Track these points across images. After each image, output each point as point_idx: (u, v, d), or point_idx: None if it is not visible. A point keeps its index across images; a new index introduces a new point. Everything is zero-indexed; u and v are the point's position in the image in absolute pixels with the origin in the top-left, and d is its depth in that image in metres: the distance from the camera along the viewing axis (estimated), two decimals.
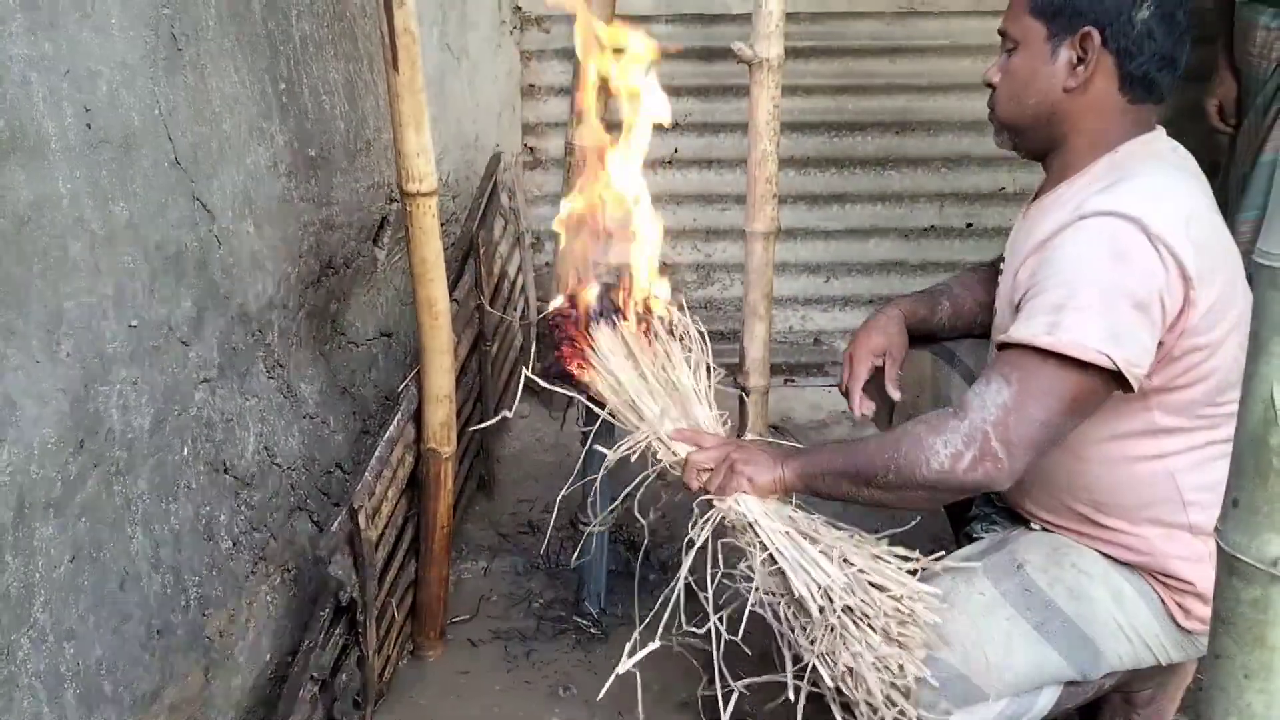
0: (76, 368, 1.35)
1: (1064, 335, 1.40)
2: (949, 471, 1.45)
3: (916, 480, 1.48)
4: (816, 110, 3.39)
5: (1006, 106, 1.63)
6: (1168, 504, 1.56)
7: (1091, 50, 1.51)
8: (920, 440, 1.47)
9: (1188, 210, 1.46)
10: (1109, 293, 1.39)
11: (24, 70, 1.24)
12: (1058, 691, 1.63)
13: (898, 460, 1.49)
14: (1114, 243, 1.41)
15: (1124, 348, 1.40)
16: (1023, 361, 1.44)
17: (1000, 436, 1.43)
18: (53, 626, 1.32)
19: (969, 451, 1.44)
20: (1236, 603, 0.97)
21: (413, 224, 1.80)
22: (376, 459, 1.84)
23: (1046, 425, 1.43)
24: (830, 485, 1.59)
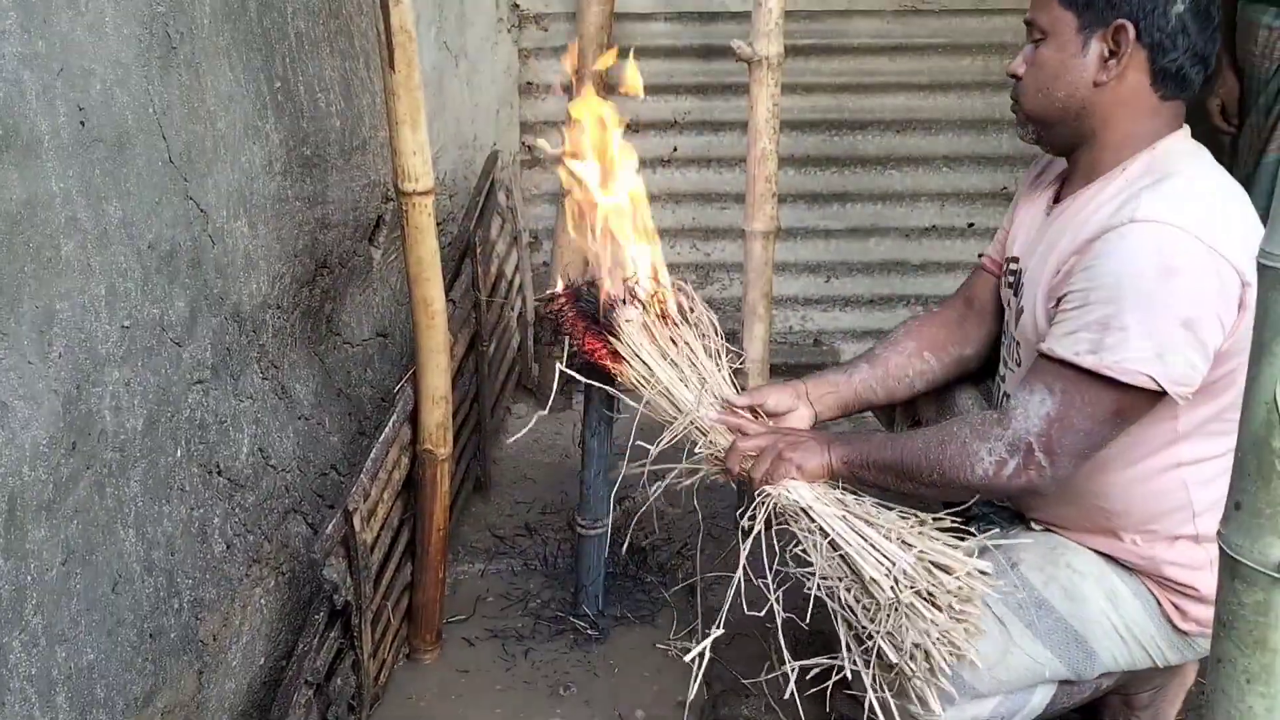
0: (68, 368, 1.34)
1: (1107, 357, 1.39)
2: (994, 478, 1.47)
3: (960, 483, 1.51)
4: (816, 109, 3.38)
5: (1034, 99, 1.57)
6: (1179, 515, 1.55)
7: (1125, 44, 1.47)
8: (965, 445, 1.49)
9: (1239, 211, 1.45)
10: (1155, 311, 1.38)
11: (16, 68, 1.23)
12: (1051, 691, 1.62)
13: (943, 462, 1.51)
14: (1161, 255, 1.39)
15: (1169, 367, 1.38)
16: (1066, 374, 1.43)
17: (1044, 447, 1.43)
18: (44, 629, 1.30)
19: (1013, 460, 1.46)
20: (1238, 606, 0.97)
21: (409, 223, 1.79)
22: (372, 460, 1.83)
23: (1090, 435, 1.44)
24: (875, 476, 1.61)
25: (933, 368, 1.87)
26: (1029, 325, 1.61)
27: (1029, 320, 1.60)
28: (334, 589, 1.71)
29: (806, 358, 3.49)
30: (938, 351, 1.87)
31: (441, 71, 2.84)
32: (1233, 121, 2.91)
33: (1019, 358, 1.67)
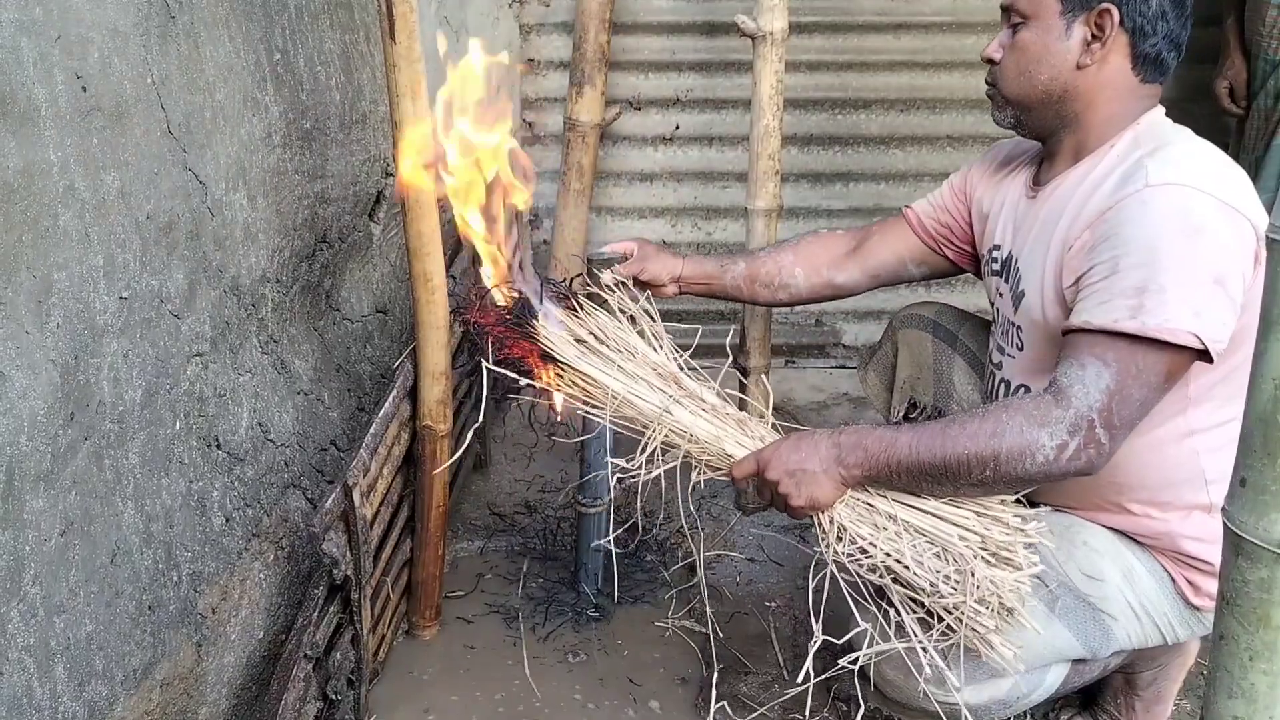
0: (66, 338, 1.33)
1: (1150, 319, 1.38)
2: (1054, 463, 1.41)
3: (1017, 475, 1.43)
4: (820, 87, 3.36)
5: (1015, 83, 1.59)
6: (1190, 484, 1.55)
7: (1109, 28, 1.49)
8: (1023, 434, 1.42)
9: (1239, 174, 1.46)
10: (1187, 270, 1.37)
11: (14, 35, 1.22)
12: (1066, 669, 1.62)
13: (1000, 458, 1.42)
14: (1187, 217, 1.39)
15: (1207, 325, 1.38)
16: (1115, 344, 1.40)
17: (1105, 422, 1.40)
18: (43, 600, 1.30)
19: (1074, 440, 1.41)
20: (1242, 583, 0.96)
21: (409, 197, 1.77)
22: (372, 435, 1.82)
23: (1144, 404, 1.41)
24: (905, 483, 1.51)
25: (799, 284, 1.96)
26: (1035, 307, 1.60)
27: (1034, 303, 1.59)
28: (333, 563, 1.71)
29: (808, 338, 3.48)
30: (809, 270, 1.95)
31: None
32: (1240, 104, 2.89)
33: (1020, 342, 1.66)
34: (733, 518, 2.58)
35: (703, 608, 2.27)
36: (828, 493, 1.52)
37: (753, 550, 2.46)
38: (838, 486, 1.52)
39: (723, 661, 2.11)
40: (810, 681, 1.53)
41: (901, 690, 1.57)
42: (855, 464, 1.51)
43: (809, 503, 1.52)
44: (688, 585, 2.34)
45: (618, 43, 3.31)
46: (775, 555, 2.45)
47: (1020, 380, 1.66)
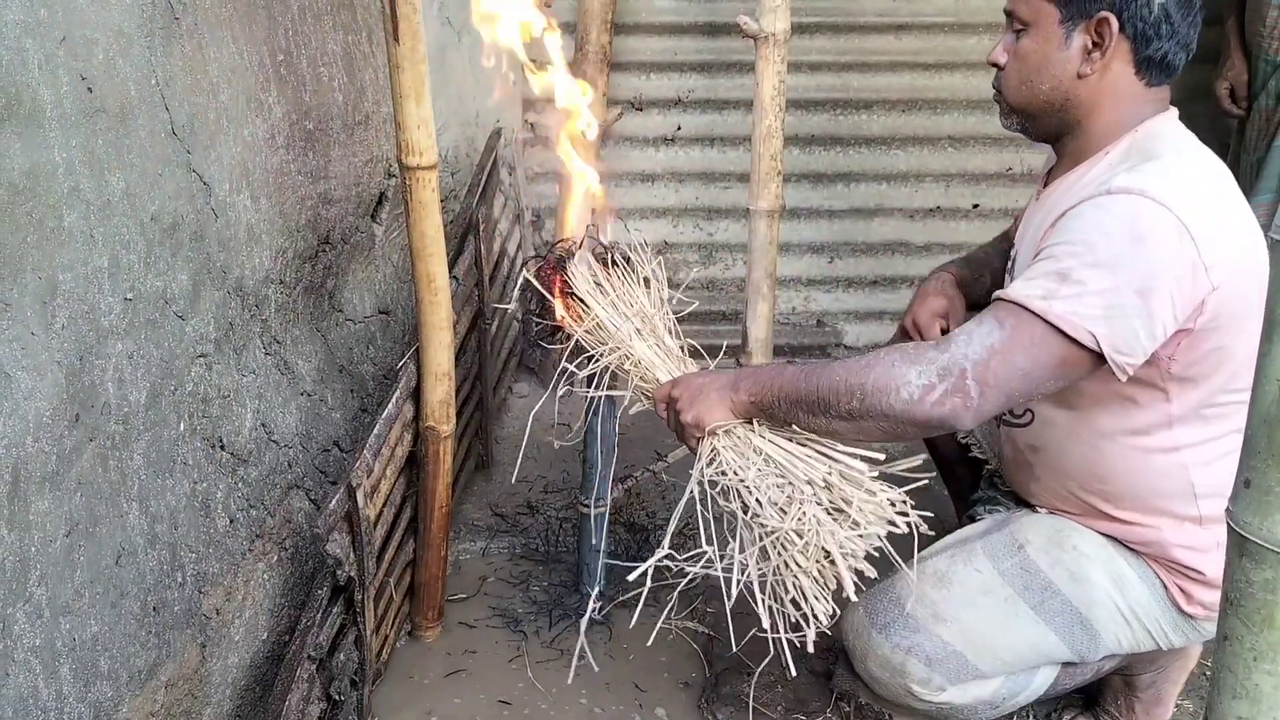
0: (71, 340, 1.33)
1: (1057, 305, 1.37)
2: (917, 403, 1.40)
3: (880, 409, 1.42)
4: (821, 87, 3.37)
5: (1017, 92, 1.57)
6: (1180, 496, 1.55)
7: (1108, 36, 1.46)
8: (893, 368, 1.42)
9: (1216, 193, 1.44)
10: (1115, 273, 1.37)
11: (19, 36, 1.22)
12: (1054, 672, 1.63)
13: (865, 387, 1.42)
14: (1135, 223, 1.37)
15: (1113, 331, 1.37)
16: (1018, 314, 1.40)
17: (977, 375, 1.38)
18: (48, 601, 1.30)
19: (942, 384, 1.39)
20: (1246, 584, 0.96)
21: (412, 198, 1.78)
22: (375, 436, 1.82)
23: (1027, 376, 1.39)
24: (785, 411, 1.52)
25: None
26: None
27: None
28: (337, 564, 1.71)
29: (809, 338, 3.48)
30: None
31: (444, 47, 2.82)
32: (1241, 104, 2.89)
33: None
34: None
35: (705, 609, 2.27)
36: (714, 414, 1.55)
37: None
38: (726, 412, 1.55)
39: (725, 663, 2.11)
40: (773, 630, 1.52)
41: (887, 688, 1.59)
42: (746, 390, 1.54)
43: (694, 420, 1.56)
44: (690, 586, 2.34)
45: (619, 43, 3.31)
46: None
47: None
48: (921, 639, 1.56)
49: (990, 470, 1.91)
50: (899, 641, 1.56)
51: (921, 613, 1.57)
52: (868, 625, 1.59)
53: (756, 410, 1.55)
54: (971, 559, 1.62)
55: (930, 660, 1.55)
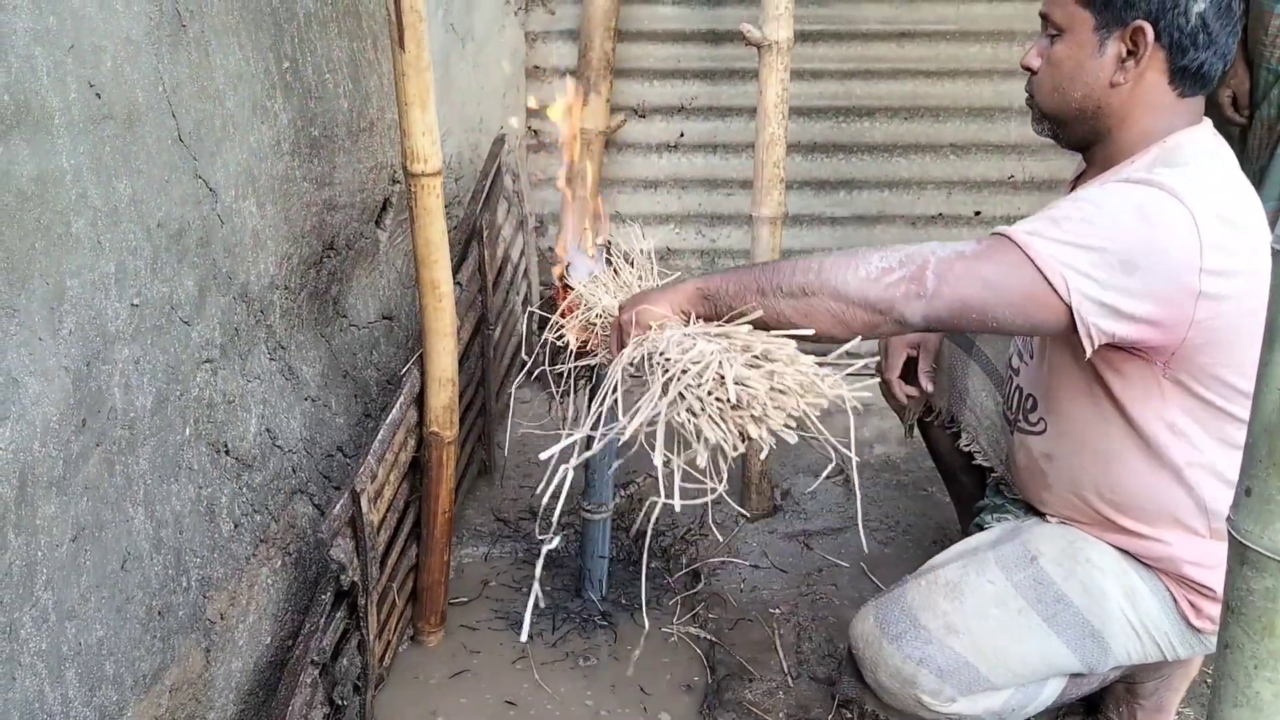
0: (78, 345, 1.34)
1: (1040, 244, 1.36)
2: (872, 282, 1.38)
3: (833, 284, 1.39)
4: (824, 95, 3.38)
5: (1050, 98, 1.54)
6: (1188, 508, 1.55)
7: (1143, 45, 1.43)
8: (858, 252, 1.41)
9: (1234, 208, 1.41)
10: (1108, 236, 1.35)
11: (28, 44, 1.23)
12: (1063, 683, 1.63)
13: (824, 264, 1.41)
14: (1145, 203, 1.37)
15: (1085, 292, 1.35)
16: (1000, 239, 1.40)
17: (939, 270, 1.37)
18: (54, 605, 1.31)
19: (902, 269, 1.38)
20: (1247, 592, 0.96)
21: (417, 204, 1.78)
22: (379, 442, 1.83)
23: (987, 289, 1.37)
24: (732, 295, 1.47)
25: None
26: None
27: None
28: (341, 569, 1.72)
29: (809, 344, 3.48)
30: None
31: (448, 54, 2.83)
32: (1243, 113, 2.89)
33: (1032, 349, 1.67)
34: (737, 524, 2.59)
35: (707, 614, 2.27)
36: (654, 310, 1.50)
37: (756, 557, 2.47)
38: (666, 307, 1.50)
39: (727, 668, 2.11)
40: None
41: (897, 698, 1.58)
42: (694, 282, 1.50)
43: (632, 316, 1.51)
44: (692, 592, 2.35)
45: (623, 50, 3.32)
46: (779, 562, 2.45)
47: (1030, 389, 1.67)
48: (934, 650, 1.55)
49: (996, 477, 1.91)
50: (911, 652, 1.55)
51: (934, 624, 1.57)
52: (879, 635, 1.59)
53: (700, 298, 1.50)
54: (984, 569, 1.62)
55: (942, 672, 1.54)
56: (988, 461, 1.95)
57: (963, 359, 1.97)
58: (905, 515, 2.63)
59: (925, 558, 1.77)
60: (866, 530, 2.57)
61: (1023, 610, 1.57)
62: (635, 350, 1.48)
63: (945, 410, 2.02)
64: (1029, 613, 1.57)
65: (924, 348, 1.94)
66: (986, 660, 1.55)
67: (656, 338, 1.47)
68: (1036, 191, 3.43)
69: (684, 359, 1.39)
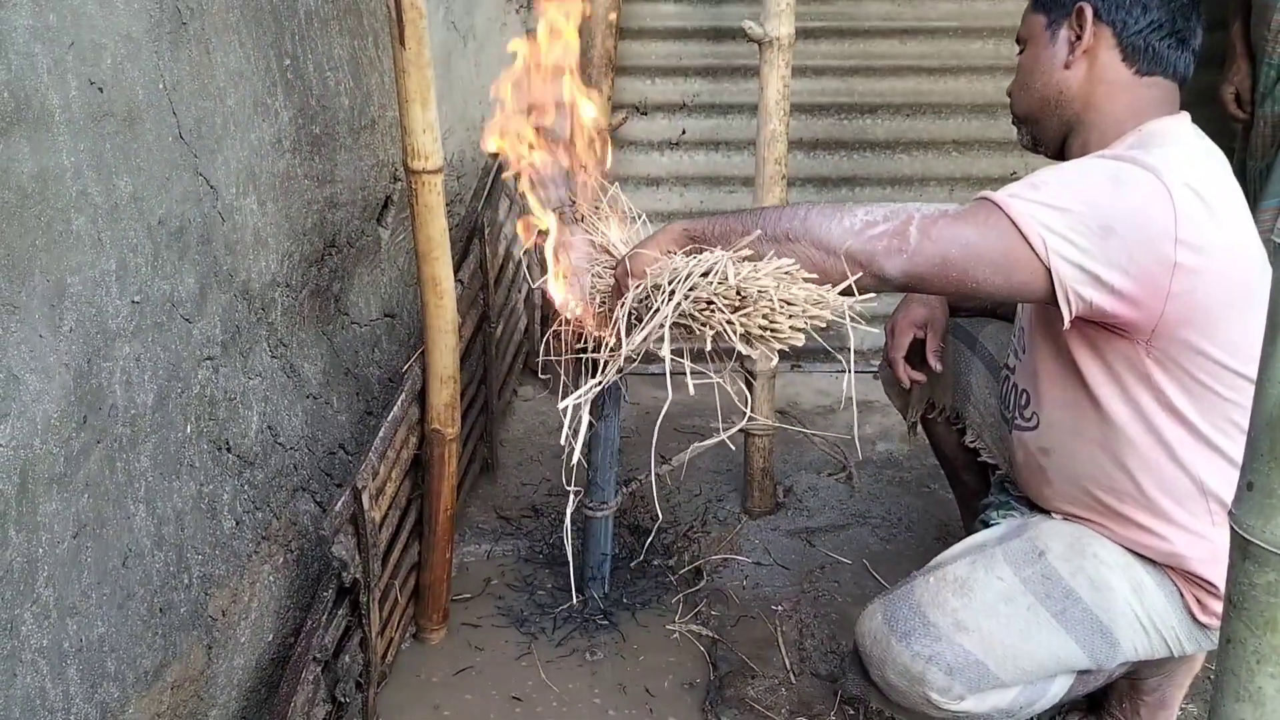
0: (79, 342, 1.34)
1: (1019, 204, 1.38)
2: (855, 234, 1.41)
3: (817, 233, 1.43)
4: (826, 92, 3.37)
5: (1019, 100, 1.65)
6: (1186, 491, 1.54)
7: (1085, 24, 1.52)
8: (844, 205, 1.45)
9: (1214, 189, 1.42)
10: (1085, 201, 1.38)
11: (28, 41, 1.23)
12: (1070, 680, 1.62)
13: (810, 214, 1.45)
14: (1119, 171, 1.40)
15: (1063, 252, 1.36)
16: (982, 202, 1.42)
17: (922, 226, 1.39)
18: (55, 602, 1.31)
19: (885, 225, 1.41)
20: (1249, 587, 0.96)
21: (418, 201, 1.78)
22: (381, 439, 1.83)
23: (967, 249, 1.38)
24: (720, 237, 1.53)
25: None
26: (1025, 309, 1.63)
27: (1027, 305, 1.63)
28: (342, 566, 1.72)
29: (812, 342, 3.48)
30: None
31: (449, 51, 2.83)
32: (1246, 109, 2.89)
33: (1025, 345, 1.67)
34: (739, 522, 2.59)
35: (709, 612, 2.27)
36: (646, 256, 1.58)
37: (759, 554, 2.47)
38: (657, 252, 1.58)
39: (729, 665, 2.11)
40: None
41: (905, 696, 1.58)
42: (682, 225, 1.58)
43: (627, 267, 1.59)
44: (694, 589, 2.35)
45: (624, 48, 3.32)
46: (781, 559, 2.45)
47: (1024, 385, 1.67)
48: (943, 648, 1.54)
49: (1001, 475, 1.90)
50: (920, 650, 1.55)
51: (943, 621, 1.56)
52: (888, 633, 1.58)
53: (687, 239, 1.57)
54: (993, 566, 1.62)
55: (951, 669, 1.54)
56: (992, 458, 1.95)
57: (966, 355, 1.96)
58: (908, 512, 2.62)
59: (928, 555, 1.76)
60: (869, 528, 2.57)
61: (1031, 606, 1.56)
62: (639, 289, 1.53)
63: (949, 407, 2.01)
64: (1038, 609, 1.56)
65: (931, 327, 1.93)
66: (996, 657, 1.54)
67: (658, 271, 1.52)
68: None
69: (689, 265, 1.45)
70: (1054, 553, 1.61)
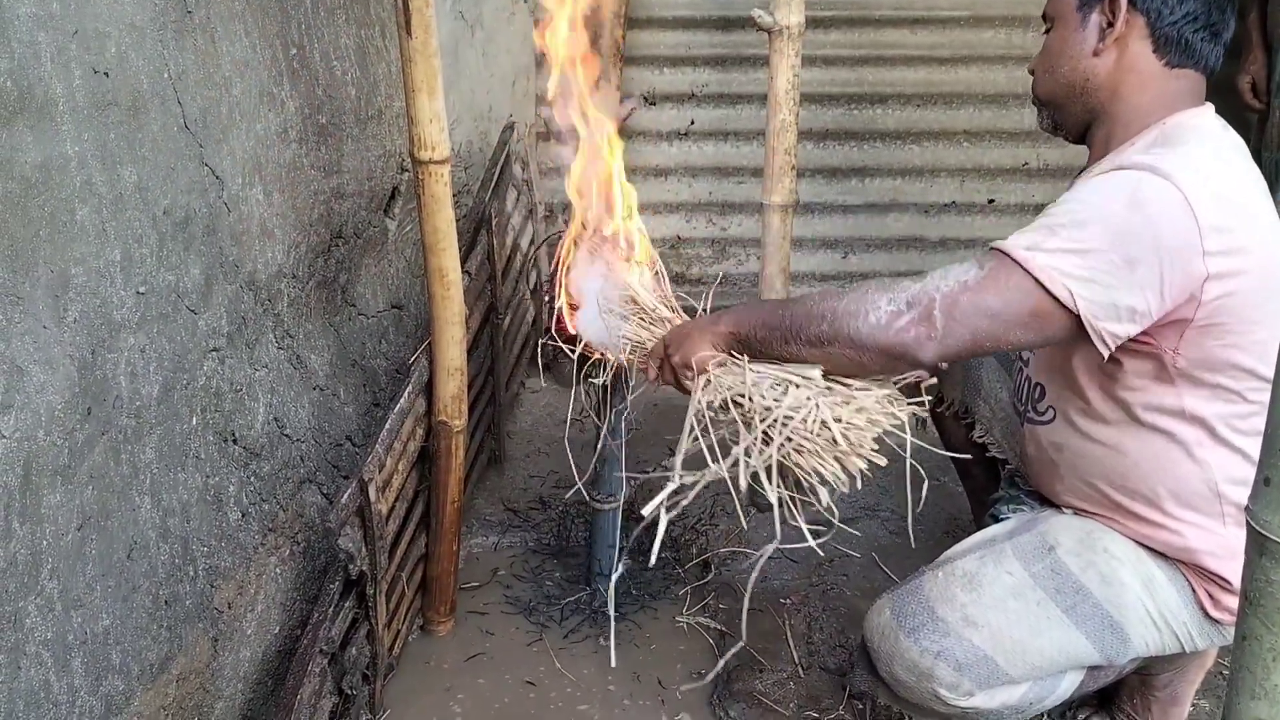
0: (84, 334, 1.33)
1: (1040, 257, 1.36)
2: (883, 328, 1.42)
3: (847, 333, 1.45)
4: (836, 81, 3.35)
5: (1043, 82, 1.59)
6: (1202, 495, 1.53)
7: (1119, 11, 1.48)
8: (867, 295, 1.44)
9: (1237, 188, 1.41)
10: (1105, 235, 1.35)
11: (31, 29, 1.22)
12: (1080, 676, 1.61)
13: (837, 311, 1.46)
14: (1136, 191, 1.36)
15: (1094, 296, 1.35)
16: (999, 258, 1.40)
17: (945, 307, 1.39)
18: (60, 594, 1.30)
19: (909, 312, 1.41)
20: (1266, 583, 0.95)
21: (425, 192, 1.77)
22: (387, 431, 1.82)
23: (995, 318, 1.39)
24: (761, 340, 1.55)
25: None
26: None
27: None
28: (349, 558, 1.71)
29: None
30: None
31: (457, 41, 2.82)
32: (1263, 99, 2.86)
33: None
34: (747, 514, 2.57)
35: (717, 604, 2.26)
36: (699, 348, 1.61)
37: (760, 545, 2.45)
38: (709, 345, 1.61)
39: (738, 658, 2.10)
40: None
41: (913, 691, 1.56)
42: (725, 323, 1.60)
43: (682, 359, 1.62)
44: (702, 582, 2.34)
45: (633, 38, 3.31)
46: (789, 552, 2.44)
47: (1038, 378, 1.65)
48: (951, 643, 1.53)
49: (1011, 469, 1.89)
50: (928, 645, 1.54)
51: (952, 616, 1.55)
52: (895, 628, 1.57)
53: (734, 341, 1.59)
54: (1002, 560, 1.60)
55: (960, 665, 1.53)
56: (1002, 454, 1.93)
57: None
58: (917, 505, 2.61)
59: (937, 548, 1.75)
60: (878, 521, 2.56)
61: (1041, 602, 1.55)
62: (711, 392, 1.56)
63: (959, 401, 2.00)
64: (1048, 604, 1.55)
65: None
66: (1005, 653, 1.53)
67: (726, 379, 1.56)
68: (1050, 179, 3.40)
69: (783, 406, 1.47)
70: (1064, 547, 1.60)
